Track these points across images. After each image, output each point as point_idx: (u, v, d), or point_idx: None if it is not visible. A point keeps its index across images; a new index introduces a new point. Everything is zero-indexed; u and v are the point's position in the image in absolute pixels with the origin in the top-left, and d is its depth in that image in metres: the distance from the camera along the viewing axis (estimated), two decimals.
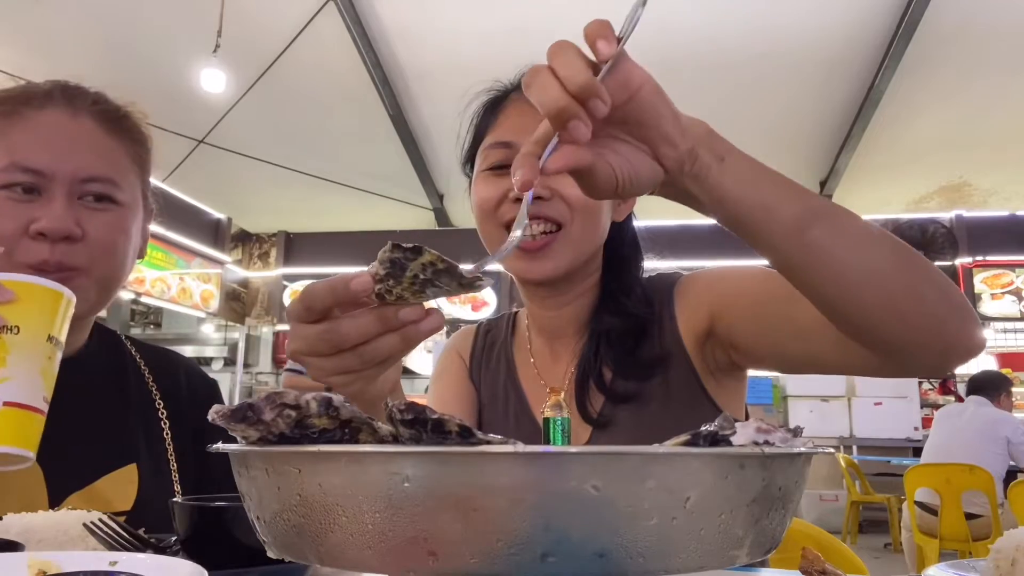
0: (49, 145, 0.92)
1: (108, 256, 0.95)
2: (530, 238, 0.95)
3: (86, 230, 0.92)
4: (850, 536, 6.43)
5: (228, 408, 0.42)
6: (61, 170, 0.91)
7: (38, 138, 0.92)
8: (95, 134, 0.96)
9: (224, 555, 0.60)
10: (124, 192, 0.97)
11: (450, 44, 6.40)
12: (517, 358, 1.14)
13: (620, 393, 0.98)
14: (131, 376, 1.05)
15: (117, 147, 0.98)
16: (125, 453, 0.95)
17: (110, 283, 0.97)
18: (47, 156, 0.91)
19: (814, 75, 6.62)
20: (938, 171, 7.93)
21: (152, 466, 0.97)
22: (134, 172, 1.00)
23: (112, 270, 0.96)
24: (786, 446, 0.43)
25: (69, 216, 0.90)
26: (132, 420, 1.00)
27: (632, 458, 0.37)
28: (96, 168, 0.94)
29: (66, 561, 0.49)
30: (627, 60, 0.59)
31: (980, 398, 4.48)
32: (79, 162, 0.92)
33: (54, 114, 0.95)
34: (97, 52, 6.03)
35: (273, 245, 9.55)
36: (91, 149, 0.95)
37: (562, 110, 0.54)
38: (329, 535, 0.39)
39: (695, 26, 6.08)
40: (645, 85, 0.60)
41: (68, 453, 0.91)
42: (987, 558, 0.53)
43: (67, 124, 0.95)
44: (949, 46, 6.17)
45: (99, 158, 0.95)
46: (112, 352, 1.06)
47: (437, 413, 0.39)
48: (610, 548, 0.37)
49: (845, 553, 1.12)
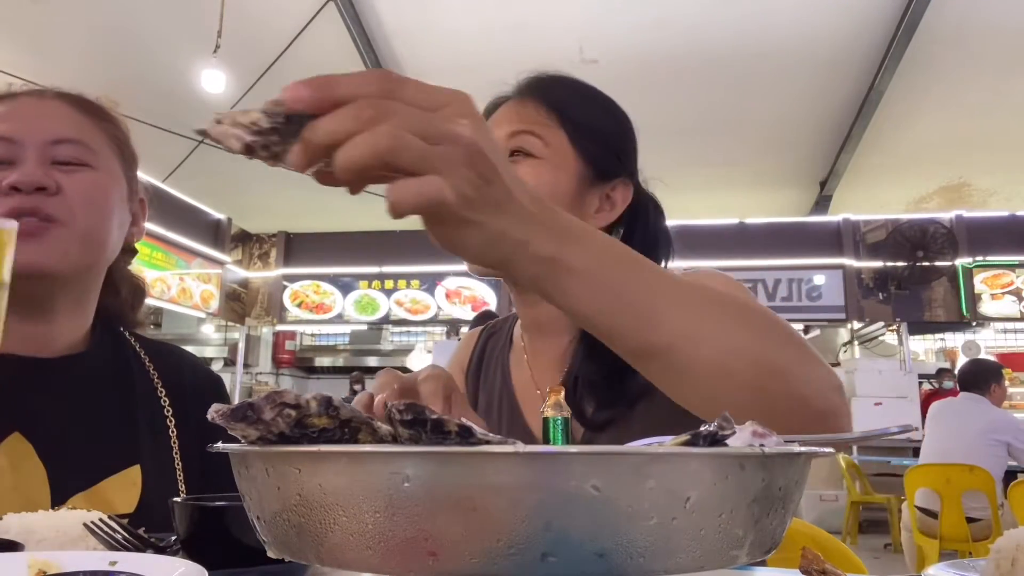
0: (17, 116, 0.94)
1: (88, 209, 0.93)
2: None
3: (61, 185, 0.91)
4: (850, 536, 6.43)
5: (228, 407, 0.42)
6: (31, 136, 0.92)
7: (7, 115, 0.94)
8: (63, 108, 0.98)
9: (224, 555, 0.60)
10: (98, 158, 0.96)
11: (450, 44, 6.41)
12: (512, 365, 1.12)
13: (599, 424, 0.96)
14: (135, 373, 1.03)
15: (88, 122, 0.99)
16: (129, 454, 0.94)
17: (92, 238, 0.95)
18: (17, 124, 0.92)
19: (814, 75, 6.62)
20: (938, 171, 7.94)
21: (156, 467, 0.96)
22: (109, 147, 1.00)
23: (94, 225, 0.94)
24: (785, 447, 0.43)
25: (40, 171, 0.90)
26: (137, 418, 0.99)
27: (632, 458, 0.37)
28: (66, 131, 0.94)
29: (66, 561, 0.49)
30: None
31: (974, 395, 4.44)
32: (48, 126, 0.94)
33: (24, 100, 0.98)
34: (97, 52, 6.03)
35: (273, 245, 9.56)
36: (61, 118, 0.96)
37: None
38: (329, 535, 0.39)
39: (694, 26, 6.08)
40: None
41: (72, 453, 0.90)
42: (987, 558, 0.53)
43: (35, 104, 0.97)
44: (949, 46, 6.18)
45: (69, 125, 0.96)
46: (115, 347, 1.05)
47: (437, 413, 0.39)
48: (610, 548, 0.37)
49: (845, 553, 1.12)
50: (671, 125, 6.92)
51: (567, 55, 6.26)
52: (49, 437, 0.89)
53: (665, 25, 5.95)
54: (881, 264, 8.29)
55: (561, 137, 0.99)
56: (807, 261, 8.38)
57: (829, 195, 8.40)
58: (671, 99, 6.66)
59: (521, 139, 0.99)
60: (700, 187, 8.03)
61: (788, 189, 8.50)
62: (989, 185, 8.18)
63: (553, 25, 5.89)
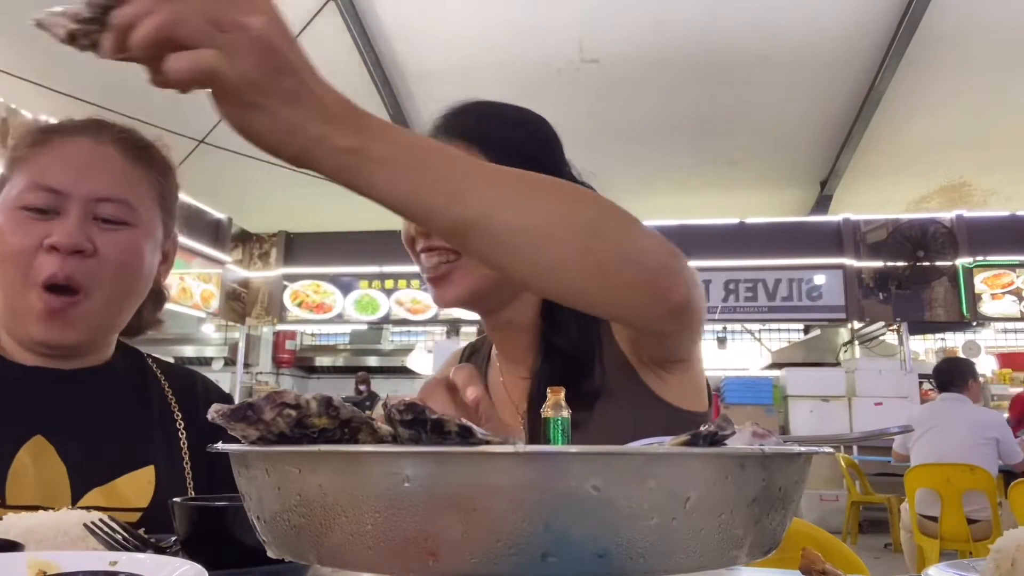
0: (68, 167, 0.96)
1: (120, 275, 0.97)
2: (429, 269, 0.96)
3: (98, 247, 0.94)
4: (850, 536, 6.43)
5: (228, 407, 0.42)
6: (77, 190, 0.94)
7: (59, 161, 0.97)
8: (114, 159, 0.99)
9: (224, 555, 0.60)
10: (140, 215, 1.00)
11: (450, 44, 6.41)
12: (491, 380, 1.12)
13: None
14: (153, 391, 1.09)
15: (136, 174, 1.01)
16: (144, 456, 0.99)
17: (122, 302, 1.00)
18: (64, 177, 0.95)
19: (814, 75, 6.62)
20: (938, 171, 7.94)
21: (169, 470, 1.01)
22: (152, 199, 1.03)
23: (123, 288, 0.99)
24: (785, 447, 0.43)
25: (81, 232, 0.93)
26: (153, 429, 1.04)
27: (632, 458, 0.37)
28: (111, 189, 0.97)
29: (66, 561, 0.49)
30: None
31: (954, 394, 4.41)
32: (95, 183, 0.96)
33: (79, 141, 0.99)
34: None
35: (273, 245, 9.55)
36: (108, 172, 0.98)
37: None
38: (329, 535, 0.39)
39: (694, 26, 6.08)
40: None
41: (91, 453, 0.96)
42: (987, 558, 0.53)
43: (89, 149, 0.99)
44: (949, 46, 6.18)
45: (115, 181, 0.98)
46: (136, 368, 1.11)
47: (436, 413, 0.39)
48: (610, 548, 0.37)
49: (845, 553, 1.11)
50: (671, 125, 6.92)
51: (567, 55, 6.27)
52: (69, 439, 0.95)
53: (665, 25, 5.95)
54: (881, 264, 8.29)
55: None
56: (807, 261, 8.36)
57: (829, 195, 8.39)
58: (671, 99, 6.66)
59: None
60: (700, 187, 8.03)
61: (788, 189, 8.49)
62: (989, 185, 8.18)
63: (553, 25, 5.89)
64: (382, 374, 10.14)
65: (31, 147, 0.98)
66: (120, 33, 0.51)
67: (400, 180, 0.58)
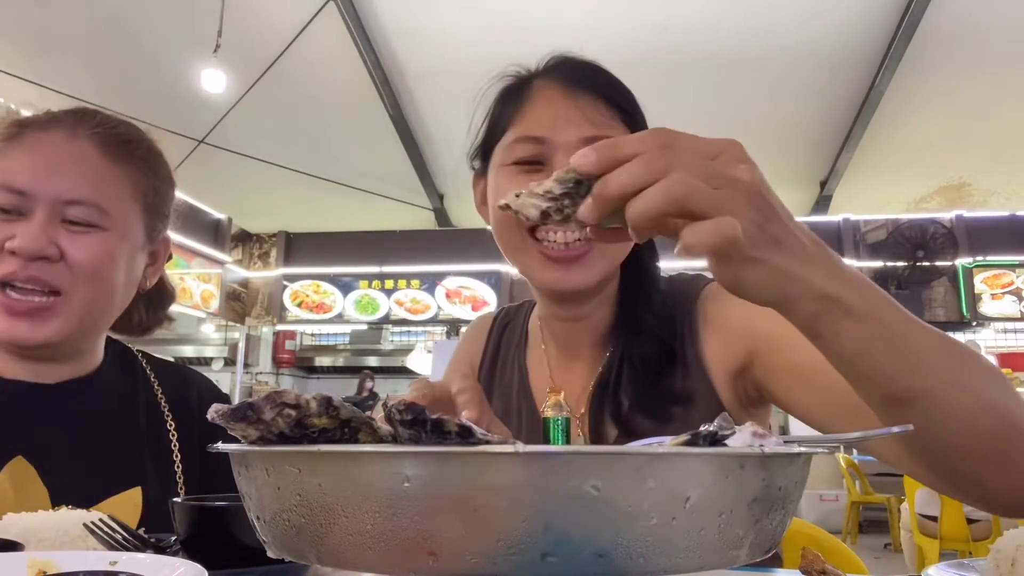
0: (37, 166, 0.91)
1: (90, 279, 0.92)
2: (562, 245, 0.88)
3: (66, 251, 0.90)
4: (850, 536, 6.43)
5: (228, 407, 0.42)
6: (45, 191, 0.89)
7: (29, 159, 0.92)
8: (87, 157, 0.94)
9: (224, 555, 0.60)
10: (112, 218, 0.94)
11: (450, 44, 6.41)
12: (531, 366, 1.06)
13: (635, 432, 0.90)
14: (142, 398, 1.04)
15: (113, 172, 0.95)
16: (131, 476, 0.94)
17: (94, 310, 0.94)
18: (32, 177, 0.90)
19: (814, 75, 6.63)
20: (938, 171, 7.94)
21: (158, 489, 0.96)
22: (132, 198, 0.97)
23: (96, 295, 0.93)
24: (785, 447, 0.43)
25: (43, 236, 0.88)
26: (141, 444, 0.99)
27: (632, 458, 0.37)
28: (82, 191, 0.91)
29: (66, 561, 0.49)
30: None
31: None
32: (64, 183, 0.91)
33: (53, 136, 0.94)
34: (98, 52, 6.03)
35: (273, 245, 9.56)
36: (80, 172, 0.93)
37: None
38: (329, 535, 0.39)
39: (695, 27, 6.08)
40: None
41: (74, 473, 0.91)
42: (987, 558, 0.53)
43: (62, 146, 0.93)
44: (949, 46, 6.18)
45: (87, 181, 0.92)
46: (125, 373, 1.05)
47: (436, 413, 0.39)
48: (610, 548, 0.37)
49: (845, 553, 1.11)
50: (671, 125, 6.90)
51: None
52: (52, 460, 0.90)
53: (665, 27, 5.95)
54: (881, 264, 8.29)
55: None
56: None
57: (829, 195, 8.40)
58: (671, 100, 6.65)
59: None
60: None
61: (788, 189, 8.49)
62: (989, 185, 8.18)
63: (553, 26, 5.89)
64: (382, 374, 10.14)
65: (3, 141, 0.93)
66: (609, 202, 0.49)
67: (864, 338, 0.56)
